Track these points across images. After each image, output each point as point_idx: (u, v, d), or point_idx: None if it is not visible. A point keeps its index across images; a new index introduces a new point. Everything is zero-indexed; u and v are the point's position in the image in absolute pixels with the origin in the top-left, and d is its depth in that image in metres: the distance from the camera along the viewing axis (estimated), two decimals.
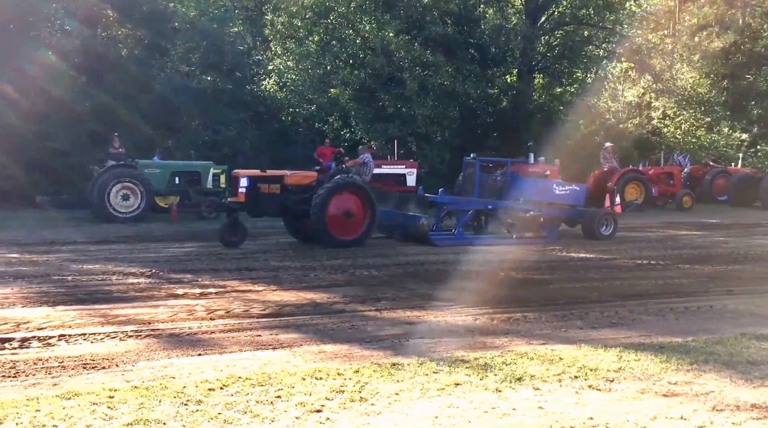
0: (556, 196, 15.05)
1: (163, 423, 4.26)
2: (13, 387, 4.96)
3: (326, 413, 4.48)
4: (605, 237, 14.84)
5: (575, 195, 15.29)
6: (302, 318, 7.33)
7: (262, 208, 13.35)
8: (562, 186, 15.32)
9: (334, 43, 24.40)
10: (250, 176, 13.16)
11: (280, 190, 13.24)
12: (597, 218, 15.10)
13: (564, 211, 15.27)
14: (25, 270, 10.07)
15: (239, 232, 13.04)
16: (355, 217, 13.17)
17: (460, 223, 14.22)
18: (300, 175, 13.88)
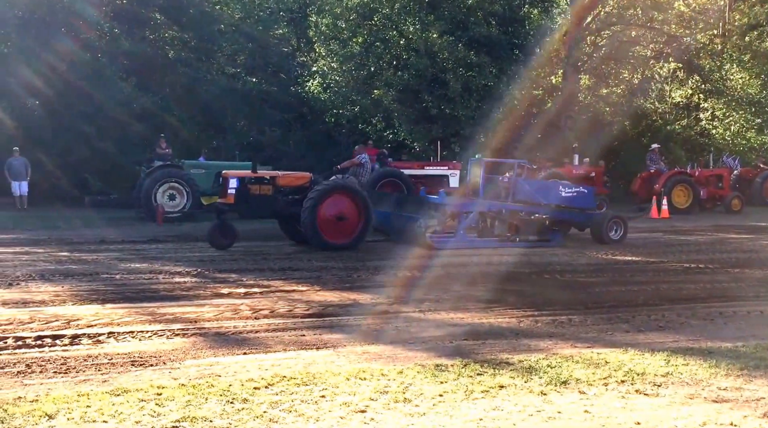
0: (562, 199, 14.55)
1: (210, 421, 4.31)
2: (64, 383, 5.07)
3: (370, 413, 4.48)
4: (614, 241, 14.26)
5: (583, 197, 14.80)
6: (346, 319, 7.36)
7: (253, 209, 13.10)
8: (569, 188, 14.88)
9: (378, 45, 24.46)
10: (239, 177, 12.88)
11: (271, 191, 12.93)
12: (605, 222, 14.49)
13: (571, 214, 14.80)
14: (74, 268, 10.30)
15: (229, 234, 12.70)
16: (348, 220, 12.80)
17: (461, 225, 13.78)
18: (292, 175, 13.53)
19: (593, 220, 14.67)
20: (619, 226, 14.53)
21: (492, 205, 14.27)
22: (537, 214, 14.30)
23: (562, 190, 14.68)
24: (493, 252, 12.71)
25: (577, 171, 22.80)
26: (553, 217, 14.49)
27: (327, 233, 12.56)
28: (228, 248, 12.50)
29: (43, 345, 6.07)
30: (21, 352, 5.82)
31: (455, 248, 13.02)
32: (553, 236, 14.28)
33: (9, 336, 6.25)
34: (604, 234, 14.29)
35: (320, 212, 12.50)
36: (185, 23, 25.82)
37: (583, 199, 14.81)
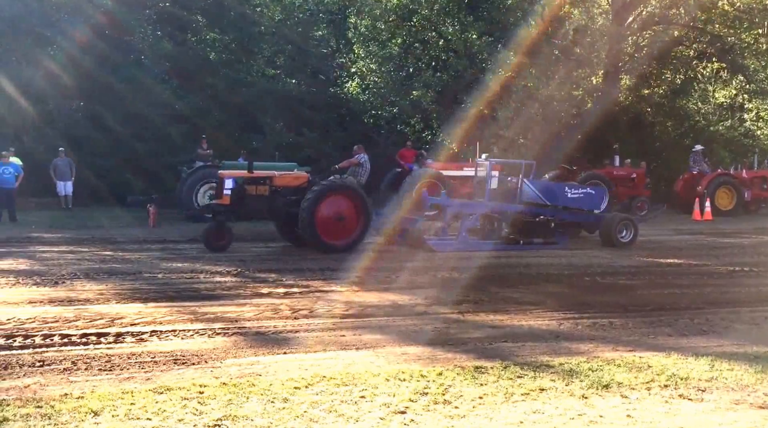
0: (568, 200, 14.24)
1: (251, 420, 4.35)
2: (109, 380, 5.17)
3: (410, 415, 4.48)
4: (624, 244, 13.90)
5: (590, 198, 14.46)
6: (385, 320, 7.37)
7: (249, 210, 12.84)
8: (575, 189, 14.52)
9: (417, 46, 24.42)
10: (235, 177, 12.67)
11: (268, 191, 12.73)
12: (615, 223, 14.10)
13: (578, 216, 14.48)
14: (118, 267, 10.50)
15: (225, 236, 12.48)
16: (347, 221, 12.56)
17: (464, 227, 13.53)
18: (290, 175, 13.29)
19: (602, 222, 14.30)
20: (628, 228, 14.14)
21: (495, 206, 14.04)
22: (542, 215, 14.00)
23: (567, 191, 14.34)
24: (531, 255, 12.61)
25: (617, 172, 22.50)
26: (560, 219, 14.16)
27: (325, 234, 12.34)
28: (223, 250, 12.25)
29: (88, 342, 6.19)
30: (67, 349, 5.95)
31: (456, 250, 12.75)
32: (560, 238, 13.97)
33: (55, 334, 6.40)
34: (613, 237, 13.94)
35: (318, 212, 12.28)
36: (226, 26, 26.14)
37: (590, 201, 14.45)
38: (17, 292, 8.39)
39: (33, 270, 10.01)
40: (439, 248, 12.83)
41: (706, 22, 26.12)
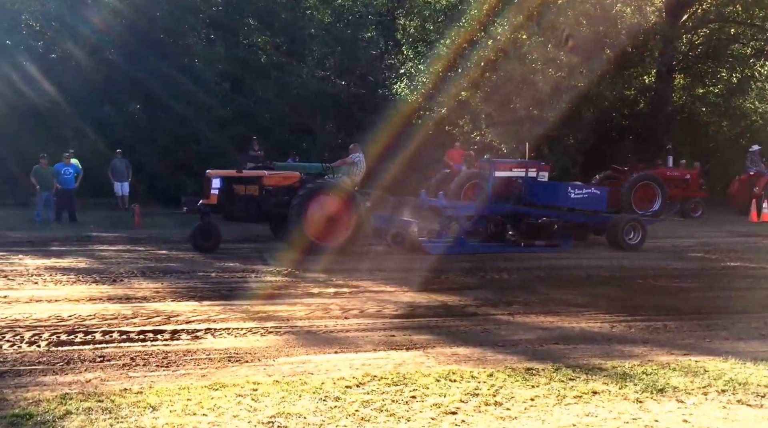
0: (571, 201, 13.81)
1: (304, 418, 4.42)
2: (166, 376, 5.30)
3: (461, 416, 4.48)
4: (631, 246, 13.45)
5: (595, 199, 13.97)
6: (434, 320, 7.37)
7: (238, 210, 12.50)
8: (578, 189, 14.06)
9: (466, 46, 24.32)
10: (223, 177, 12.39)
11: (258, 191, 12.43)
12: (621, 225, 13.63)
13: (583, 217, 14.05)
14: (173, 266, 10.72)
15: (212, 237, 12.22)
16: (338, 222, 12.20)
17: (462, 230, 13.19)
18: (280, 175, 12.95)
19: (608, 224, 13.85)
20: (636, 230, 13.68)
21: (495, 208, 13.75)
22: (545, 217, 13.66)
23: (571, 191, 13.90)
24: (583, 256, 12.44)
25: (671, 173, 22.04)
26: (563, 221, 13.79)
27: (315, 235, 12.05)
28: (211, 251, 12.06)
29: (146, 339, 6.35)
30: (125, 346, 6.11)
31: (454, 253, 12.45)
32: (563, 241, 13.59)
33: (114, 330, 6.58)
34: (620, 239, 13.49)
35: (308, 213, 11.99)
36: (277, 28, 26.48)
37: (595, 201, 13.99)
38: (78, 289, 8.65)
39: (92, 269, 10.29)
40: (433, 251, 12.43)
41: (764, 19, 25.39)
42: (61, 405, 4.48)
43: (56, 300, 7.94)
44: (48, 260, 11.07)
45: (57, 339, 6.21)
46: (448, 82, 24.68)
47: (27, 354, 5.72)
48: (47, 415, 4.31)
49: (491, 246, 13.35)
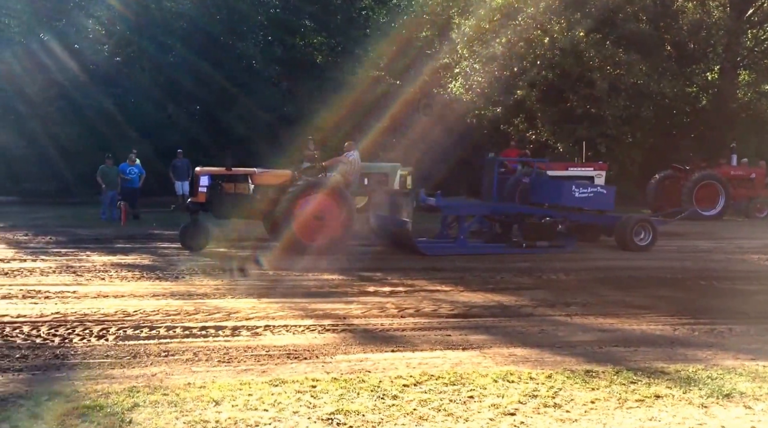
0: (575, 200, 13.37)
1: (362, 415, 4.46)
2: (227, 371, 5.41)
3: (520, 417, 4.46)
4: (641, 247, 13.03)
5: (601, 198, 13.52)
6: (491, 320, 7.34)
7: (227, 209, 12.28)
8: (583, 188, 13.62)
9: (522, 45, 24.09)
10: (211, 174, 12.23)
11: (248, 190, 12.28)
12: (630, 225, 13.21)
13: (590, 217, 13.64)
14: (233, 264, 10.90)
15: (200, 235, 12.11)
16: (328, 221, 12.02)
17: (463, 230, 12.89)
18: (270, 173, 12.73)
19: (617, 224, 13.44)
20: (646, 231, 13.26)
21: (497, 207, 13.43)
22: (548, 217, 13.34)
23: (575, 190, 13.45)
24: (642, 257, 12.20)
25: (734, 172, 21.43)
26: (570, 221, 13.45)
27: (304, 235, 11.88)
28: (199, 250, 12.00)
29: (207, 335, 6.49)
30: (188, 341, 6.26)
31: (452, 254, 12.20)
32: (567, 241, 13.23)
33: (178, 326, 6.75)
34: (628, 240, 13.10)
35: (297, 212, 11.83)
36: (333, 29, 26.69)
37: (601, 200, 13.55)
38: (142, 286, 8.89)
39: (155, 266, 10.57)
40: (429, 251, 12.23)
41: None
42: (129, 397, 4.62)
43: (122, 295, 8.19)
44: (114, 257, 11.41)
45: (124, 333, 6.41)
46: (504, 80, 24.49)
47: (96, 348, 5.92)
48: (116, 407, 4.45)
49: (493, 246, 13.06)
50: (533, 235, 13.09)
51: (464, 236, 12.80)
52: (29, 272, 9.67)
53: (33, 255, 11.28)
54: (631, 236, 13.12)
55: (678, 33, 24.61)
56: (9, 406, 4.42)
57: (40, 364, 5.41)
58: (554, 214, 13.40)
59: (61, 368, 5.33)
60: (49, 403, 4.50)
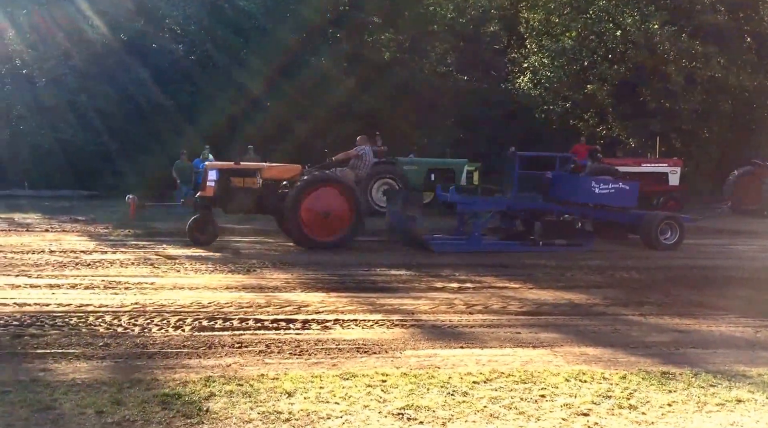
0: (595, 197, 12.87)
1: (433, 411, 4.46)
2: (299, 364, 5.49)
3: (593, 417, 4.38)
4: (667, 246, 12.44)
5: (623, 195, 12.95)
6: (561, 318, 7.24)
7: (236, 203, 12.14)
8: (603, 184, 13.02)
9: (593, 38, 23.63)
10: (219, 169, 12.14)
11: (257, 184, 12.09)
12: (656, 223, 12.61)
13: (612, 215, 13.12)
14: (301, 258, 11.04)
15: (208, 230, 12.05)
16: (335, 216, 11.83)
17: (477, 227, 12.55)
18: (280, 168, 12.53)
19: (641, 222, 12.88)
20: (673, 229, 12.71)
21: (514, 203, 13.06)
22: (567, 214, 12.87)
23: (594, 186, 12.95)
24: (720, 257, 11.82)
25: None
26: (592, 218, 12.95)
27: (312, 229, 11.75)
28: (207, 244, 11.92)
29: (279, 327, 6.60)
30: (261, 333, 6.38)
31: (465, 251, 11.89)
32: (585, 240, 12.72)
33: (250, 318, 6.88)
34: (653, 238, 12.57)
35: (304, 206, 11.69)
36: (400, 25, 26.70)
37: (623, 197, 13.01)
38: (215, 278, 9.11)
39: (227, 259, 10.81)
40: (439, 248, 11.98)
41: None
42: (205, 387, 4.75)
43: (197, 287, 8.40)
44: (188, 250, 11.71)
45: (199, 324, 6.58)
46: (574, 75, 24.06)
47: (173, 338, 6.10)
48: (193, 396, 4.58)
49: (509, 244, 12.72)
50: (551, 233, 12.68)
51: (478, 233, 12.56)
52: (110, 263, 10.01)
53: (113, 248, 11.68)
54: (657, 234, 12.66)
55: (759, 24, 23.68)
56: (94, 392, 4.61)
57: (121, 352, 5.62)
58: (574, 210, 13.00)
59: (141, 356, 5.52)
60: (130, 390, 4.66)
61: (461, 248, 12.19)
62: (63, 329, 6.26)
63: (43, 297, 7.56)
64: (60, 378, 4.89)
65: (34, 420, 4.14)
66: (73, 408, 4.32)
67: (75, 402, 4.41)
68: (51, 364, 5.24)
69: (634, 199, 13.25)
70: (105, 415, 4.21)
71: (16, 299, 7.42)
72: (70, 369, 5.14)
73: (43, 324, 6.38)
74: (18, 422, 4.10)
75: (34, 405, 4.34)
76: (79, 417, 4.18)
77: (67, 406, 4.35)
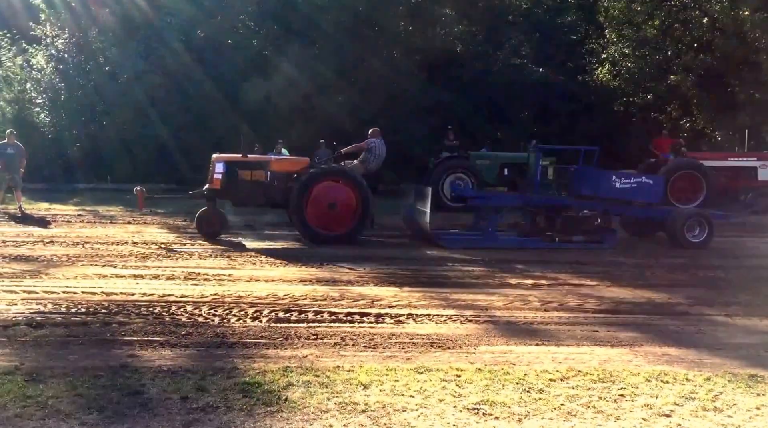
0: (617, 191, 12.33)
1: (508, 407, 4.42)
2: (373, 357, 5.53)
3: (676, 419, 4.25)
4: (694, 244, 11.81)
5: (646, 189, 12.37)
6: (641, 318, 7.05)
7: (244, 196, 12.14)
8: (625, 178, 12.49)
9: (677, 27, 22.82)
10: (227, 161, 12.07)
11: (264, 177, 12.00)
12: (682, 220, 11.97)
13: (636, 210, 12.63)
14: (375, 253, 11.11)
15: (216, 222, 12.12)
16: (341, 210, 11.68)
17: (492, 222, 12.23)
18: (288, 160, 12.41)
19: (668, 217, 12.30)
20: (702, 226, 12.05)
21: (528, 199, 12.67)
22: (587, 209, 12.39)
23: (615, 180, 12.45)
24: None
25: None
26: (611, 213, 12.46)
27: (317, 223, 11.64)
28: (215, 237, 11.97)
29: (353, 321, 6.67)
30: (335, 326, 6.46)
31: (479, 247, 11.57)
32: (607, 237, 12.17)
33: (324, 311, 6.98)
34: (679, 236, 11.98)
35: (310, 200, 11.58)
36: (474, 17, 26.46)
37: (646, 192, 12.45)
38: (290, 271, 9.28)
39: (301, 252, 10.98)
40: (449, 244, 11.72)
41: None
42: (283, 377, 4.85)
43: (272, 280, 8.58)
44: (263, 243, 11.97)
45: (275, 316, 6.71)
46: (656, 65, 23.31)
47: (251, 329, 6.25)
48: (272, 385, 4.68)
49: (525, 240, 12.34)
50: (569, 229, 12.31)
51: (493, 228, 12.38)
52: (189, 255, 10.33)
53: (192, 240, 12.04)
54: (683, 231, 12.13)
55: None
56: (178, 378, 4.77)
57: (202, 341, 5.79)
58: (595, 206, 12.56)
59: (221, 346, 5.67)
60: (213, 377, 4.80)
61: (475, 244, 12.00)
62: (147, 317, 6.50)
63: (128, 287, 7.87)
64: (146, 365, 5.09)
65: (124, 403, 4.32)
66: (160, 393, 4.49)
67: (161, 387, 4.58)
68: (138, 351, 5.46)
69: (658, 194, 12.88)
70: (190, 401, 4.36)
71: (103, 288, 7.75)
72: (156, 356, 5.34)
73: (129, 313, 6.64)
74: (109, 405, 4.28)
75: (123, 389, 4.53)
76: (165, 402, 4.33)
77: (154, 391, 4.52)
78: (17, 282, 7.96)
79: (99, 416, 4.11)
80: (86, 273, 8.61)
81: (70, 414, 4.11)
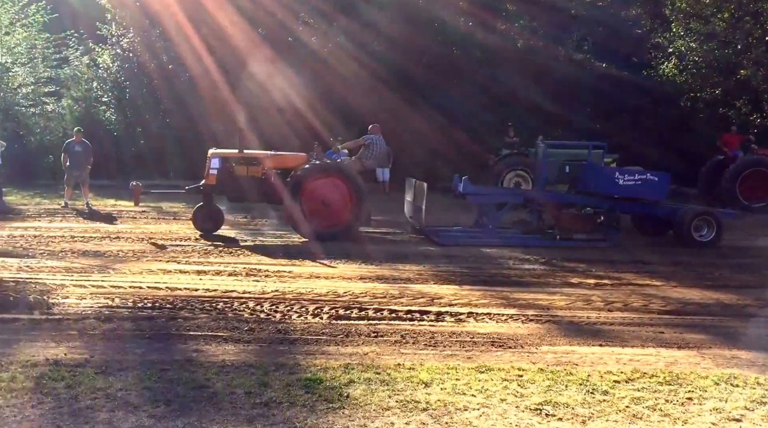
0: (620, 188, 11.87)
1: (572, 408, 4.37)
2: (434, 355, 5.54)
3: (746, 424, 4.14)
4: (701, 244, 11.34)
5: (650, 186, 11.87)
6: (709, 319, 6.88)
7: (239, 191, 11.96)
8: (629, 175, 12.00)
9: (747, 19, 22.02)
10: (222, 157, 11.90)
11: (261, 173, 11.85)
12: (689, 219, 11.47)
13: (641, 208, 12.21)
14: (432, 250, 11.09)
15: (212, 218, 12.03)
16: (336, 206, 11.51)
17: (494, 219, 11.96)
18: (285, 156, 12.19)
19: (675, 216, 11.82)
20: (709, 226, 11.60)
21: (534, 196, 12.33)
22: (592, 206, 12.02)
23: (619, 177, 12.01)
24: None
25: None
26: (616, 211, 12.08)
27: (312, 219, 11.45)
28: (212, 233, 11.90)
29: (413, 319, 6.69)
30: (395, 324, 6.49)
31: (477, 245, 11.32)
32: (609, 235, 11.79)
33: (384, 309, 7.01)
34: (686, 235, 11.56)
35: (304, 196, 11.44)
36: (536, 12, 26.10)
37: (650, 188, 11.96)
38: (349, 269, 9.33)
39: (359, 250, 11.01)
40: (444, 240, 11.51)
41: None
42: (344, 373, 4.89)
43: (332, 277, 8.65)
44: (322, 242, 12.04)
45: (336, 313, 6.78)
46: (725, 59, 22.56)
47: (312, 325, 6.33)
48: (334, 381, 4.74)
49: (526, 238, 12.07)
50: (571, 227, 12.00)
51: (494, 225, 12.19)
52: (250, 252, 10.50)
53: (252, 237, 12.21)
54: (690, 231, 11.73)
55: None
56: (242, 373, 4.87)
57: (264, 337, 5.89)
58: (599, 203, 12.21)
59: (283, 342, 5.76)
60: (275, 373, 4.88)
61: (474, 241, 11.82)
62: (211, 313, 6.65)
63: (191, 283, 8.05)
64: (211, 359, 5.21)
65: (190, 396, 4.43)
66: (225, 387, 4.59)
67: (226, 382, 4.68)
68: (202, 345, 5.59)
69: (663, 191, 12.43)
70: (253, 396, 4.44)
71: (167, 283, 7.95)
72: (220, 351, 5.46)
73: (193, 308, 6.80)
74: (176, 398, 4.40)
75: (189, 384, 4.65)
76: (230, 397, 4.43)
77: (219, 386, 4.62)
78: (86, 277, 8.22)
79: (166, 409, 4.22)
80: (151, 269, 8.84)
81: (139, 407, 4.24)
